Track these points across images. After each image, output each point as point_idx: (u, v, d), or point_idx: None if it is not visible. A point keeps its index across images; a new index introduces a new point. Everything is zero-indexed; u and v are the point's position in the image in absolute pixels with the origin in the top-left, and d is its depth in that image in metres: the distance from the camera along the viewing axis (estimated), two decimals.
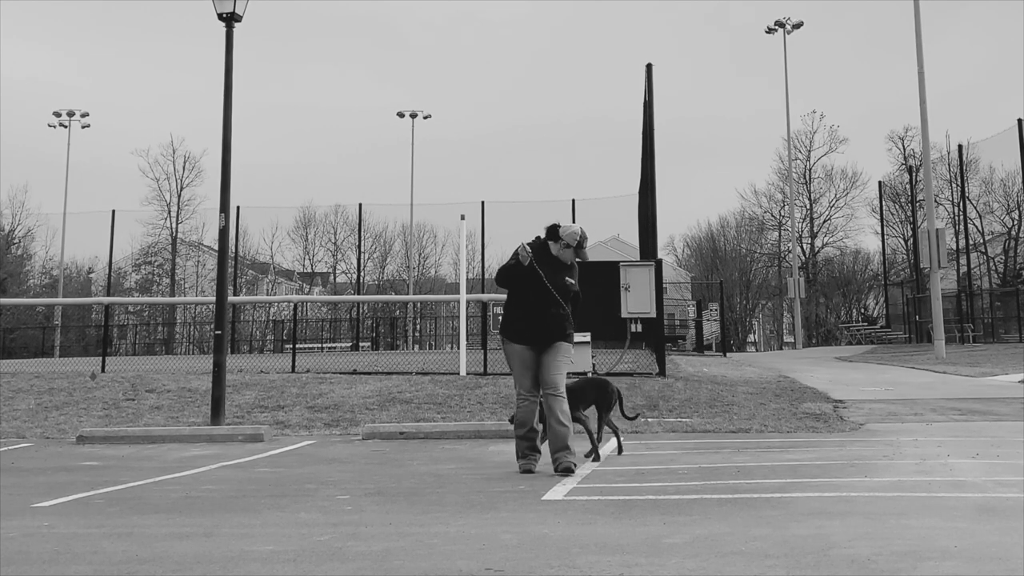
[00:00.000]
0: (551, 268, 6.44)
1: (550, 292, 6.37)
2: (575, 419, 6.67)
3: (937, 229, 23.48)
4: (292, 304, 22.57)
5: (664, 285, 15.35)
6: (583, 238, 6.47)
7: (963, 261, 34.21)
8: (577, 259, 6.53)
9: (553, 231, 6.52)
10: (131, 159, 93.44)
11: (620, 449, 7.24)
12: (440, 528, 4.56)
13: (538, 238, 6.60)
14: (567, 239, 6.45)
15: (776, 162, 55.70)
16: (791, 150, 45.31)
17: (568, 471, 6.12)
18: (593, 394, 7.09)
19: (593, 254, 6.87)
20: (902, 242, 44.43)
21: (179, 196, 48.96)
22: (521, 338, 6.44)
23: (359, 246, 44.77)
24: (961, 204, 35.14)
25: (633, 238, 35.12)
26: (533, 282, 6.39)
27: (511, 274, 6.45)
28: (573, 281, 6.52)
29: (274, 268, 51.26)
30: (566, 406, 6.35)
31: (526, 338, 6.43)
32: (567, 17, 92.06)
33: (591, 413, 7.10)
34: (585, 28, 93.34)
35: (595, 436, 6.99)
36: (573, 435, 6.34)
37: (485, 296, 19.09)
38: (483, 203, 36.35)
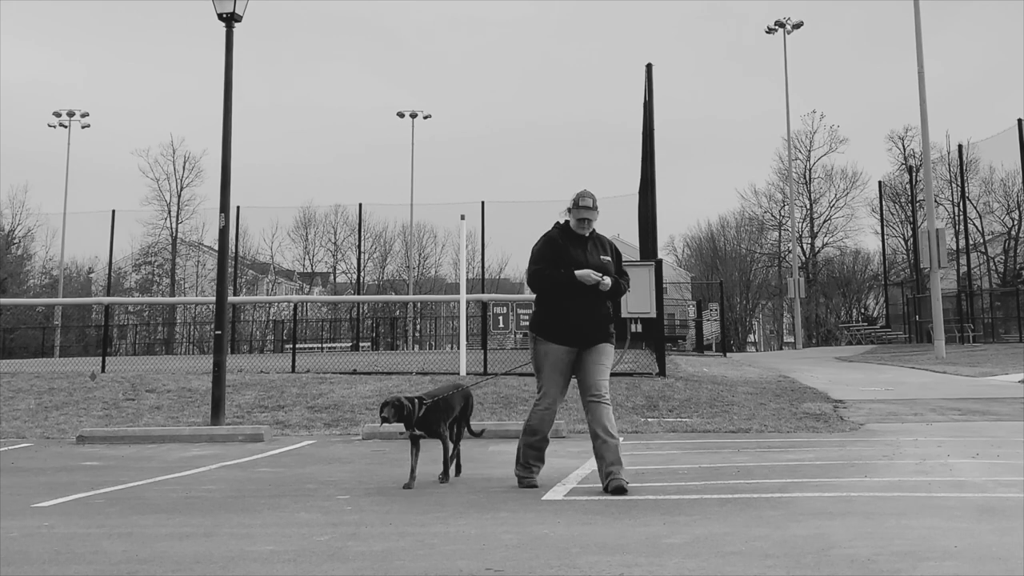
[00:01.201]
0: (582, 250, 5.74)
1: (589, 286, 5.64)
2: (438, 435, 6.03)
3: (937, 229, 23.49)
4: (292, 304, 22.57)
5: (664, 285, 15.34)
6: (579, 195, 5.73)
7: (963, 261, 34.22)
8: (584, 218, 5.71)
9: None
10: (131, 159, 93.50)
11: (459, 469, 6.36)
12: (440, 528, 4.56)
13: (557, 224, 5.94)
14: (570, 204, 5.79)
15: (776, 162, 55.76)
16: (791, 150, 45.34)
17: (621, 491, 5.40)
18: (461, 404, 6.33)
19: None
20: (902, 242, 44.47)
21: (179, 196, 49.09)
22: (559, 337, 5.67)
23: (359, 246, 44.79)
24: (961, 204, 35.16)
25: (633, 238, 35.08)
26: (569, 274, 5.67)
27: (554, 282, 5.71)
28: (608, 258, 5.77)
29: (274, 268, 51.30)
30: (611, 413, 5.68)
31: (566, 337, 5.67)
32: (567, 17, 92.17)
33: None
34: (585, 28, 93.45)
35: (452, 455, 6.24)
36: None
37: (485, 296, 19.10)
38: (483, 203, 36.36)
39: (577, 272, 5.62)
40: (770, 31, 42.16)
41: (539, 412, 5.79)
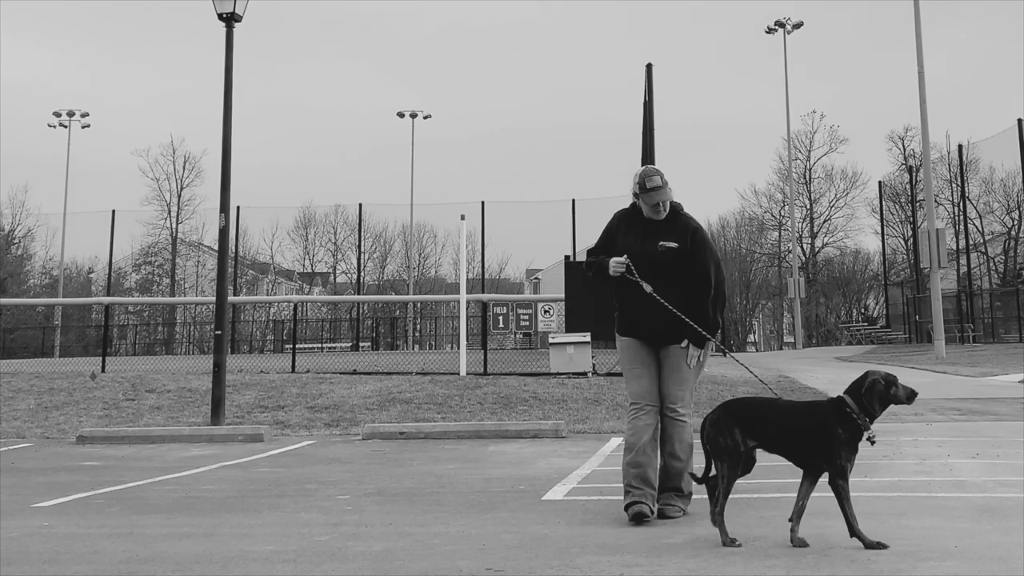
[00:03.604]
0: (639, 235, 4.89)
1: (647, 266, 4.82)
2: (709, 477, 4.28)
3: (937, 229, 23.47)
4: (292, 304, 22.59)
5: None
6: (643, 176, 4.83)
7: (963, 261, 34.22)
8: (657, 203, 4.79)
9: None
10: (131, 159, 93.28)
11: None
12: (440, 528, 4.56)
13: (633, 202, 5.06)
14: (635, 187, 4.90)
15: (776, 162, 55.65)
16: (791, 150, 45.31)
17: (667, 516, 4.70)
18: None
19: None
20: (902, 242, 44.47)
21: (179, 196, 49.06)
22: (626, 329, 4.94)
23: (359, 246, 44.80)
24: (961, 204, 35.18)
25: None
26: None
27: (592, 273, 5.05)
28: (670, 244, 4.81)
29: (274, 268, 51.27)
30: (688, 435, 4.82)
31: (631, 330, 4.91)
32: (568, 17, 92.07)
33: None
34: (586, 28, 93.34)
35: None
36: (690, 471, 4.75)
37: (485, 296, 19.12)
38: (483, 203, 36.39)
39: (611, 261, 4.83)
40: (770, 31, 42.13)
41: (629, 420, 4.85)
